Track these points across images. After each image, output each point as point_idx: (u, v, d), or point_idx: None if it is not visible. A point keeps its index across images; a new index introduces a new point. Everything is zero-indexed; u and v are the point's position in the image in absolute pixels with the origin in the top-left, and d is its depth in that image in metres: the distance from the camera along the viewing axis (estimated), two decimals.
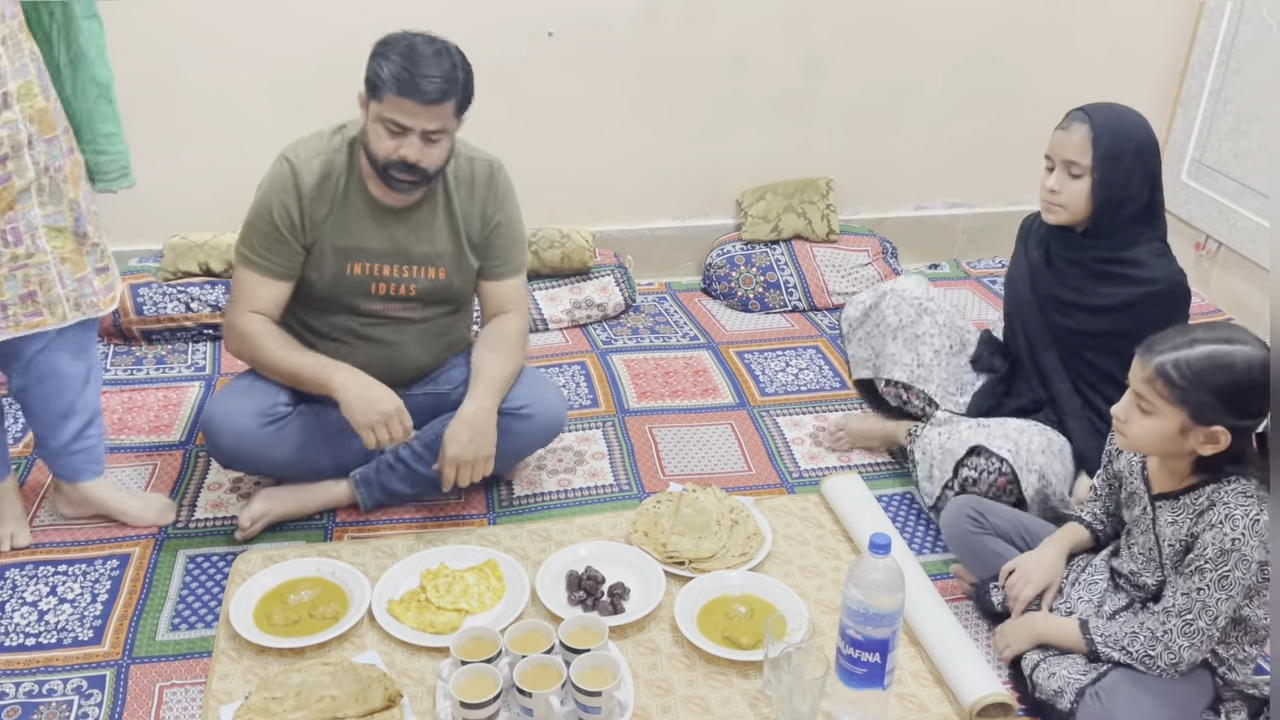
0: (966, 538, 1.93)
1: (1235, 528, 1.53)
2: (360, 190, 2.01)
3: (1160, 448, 1.59)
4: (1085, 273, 2.11)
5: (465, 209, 2.07)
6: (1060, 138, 2.07)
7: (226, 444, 2.00)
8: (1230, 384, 1.50)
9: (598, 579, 1.91)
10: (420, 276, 2.08)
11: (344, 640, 1.80)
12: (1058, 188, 2.06)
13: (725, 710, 1.70)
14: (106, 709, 1.69)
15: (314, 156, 2.00)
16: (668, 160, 3.16)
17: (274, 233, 1.99)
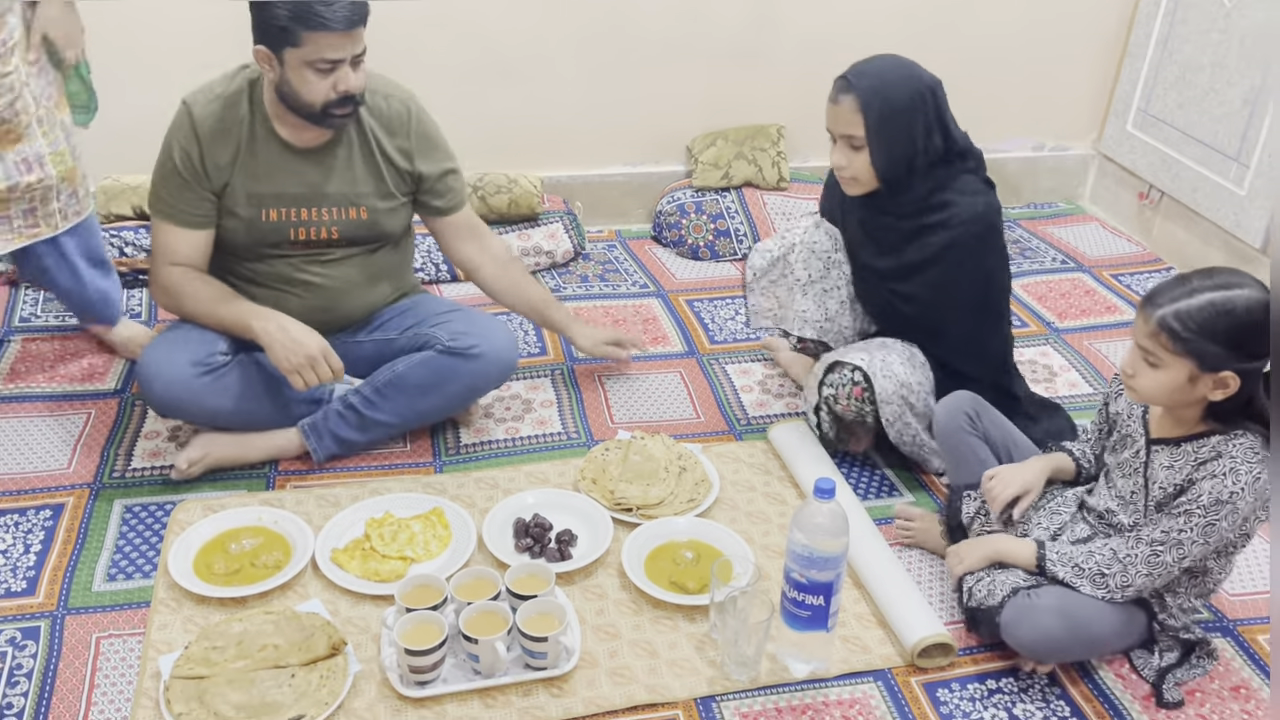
0: (958, 435, 1.89)
1: (1237, 481, 1.53)
2: (267, 133, 1.95)
3: (1171, 398, 1.58)
4: (900, 235, 2.03)
5: (385, 146, 2.02)
6: (832, 111, 1.96)
7: (162, 394, 1.95)
8: (1234, 328, 1.49)
9: (545, 526, 1.91)
10: (341, 218, 2.03)
11: (287, 589, 1.78)
12: (844, 162, 1.97)
13: (672, 654, 1.71)
14: (41, 660, 1.66)
15: (212, 100, 1.93)
16: (618, 105, 3.11)
17: (178, 180, 1.94)
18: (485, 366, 2.09)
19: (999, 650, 1.73)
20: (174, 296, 2.00)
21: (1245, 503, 1.55)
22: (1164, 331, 1.52)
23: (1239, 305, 1.49)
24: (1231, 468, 1.55)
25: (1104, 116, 3.41)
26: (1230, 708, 1.68)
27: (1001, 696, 1.68)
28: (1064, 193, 3.54)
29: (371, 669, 1.65)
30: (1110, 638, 1.68)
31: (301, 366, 1.91)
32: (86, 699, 1.60)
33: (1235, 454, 1.55)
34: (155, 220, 2.00)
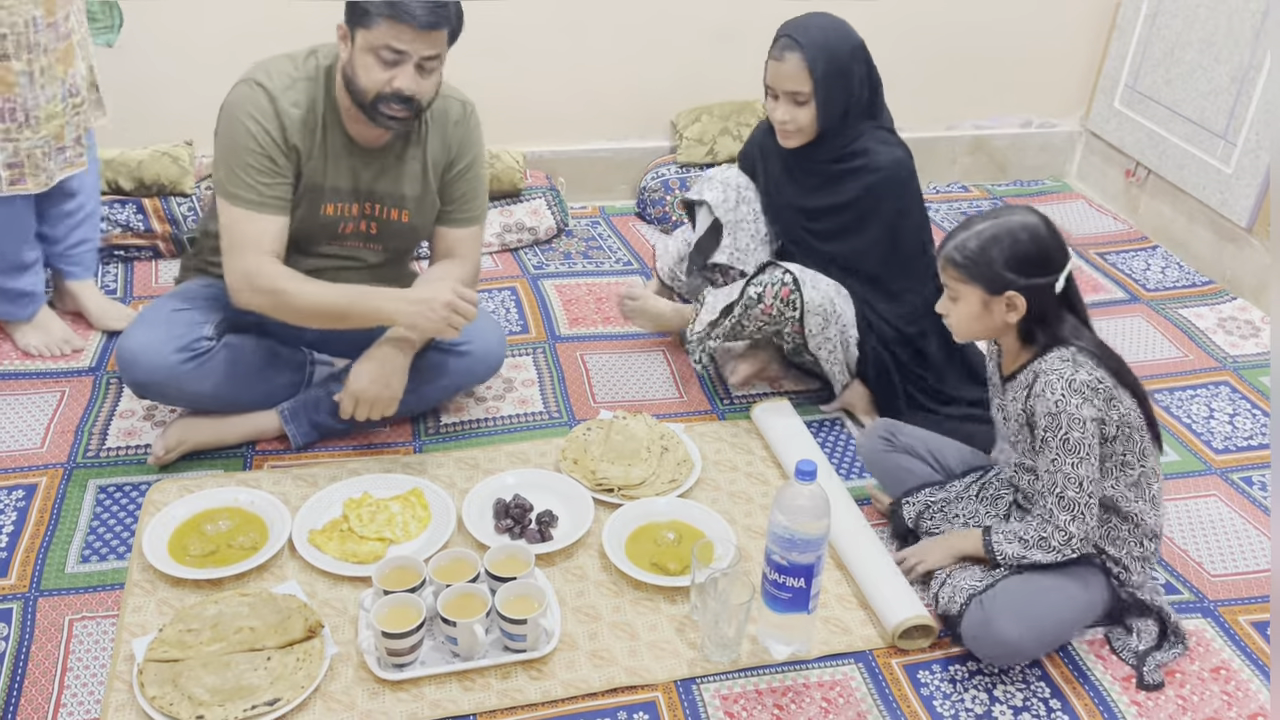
0: (880, 457, 1.97)
1: (1054, 390, 1.61)
2: (338, 127, 1.89)
3: (976, 326, 1.70)
4: (824, 178, 2.16)
5: (435, 151, 1.97)
6: (777, 69, 2.06)
7: (144, 379, 1.91)
8: (1007, 250, 1.62)
9: (525, 507, 1.89)
10: (383, 217, 1.99)
11: (263, 571, 1.76)
12: (788, 117, 2.09)
13: (652, 636, 1.70)
14: (14, 642, 1.63)
15: (290, 86, 1.85)
16: (602, 80, 3.07)
17: (264, 162, 1.83)
18: (473, 364, 2.06)
19: None
20: (276, 294, 1.85)
21: (1074, 404, 1.60)
22: (950, 265, 1.66)
23: (1009, 229, 1.63)
24: (1047, 382, 1.63)
25: (1091, 93, 3.39)
26: (1210, 689, 1.68)
27: (982, 678, 1.68)
28: (1051, 170, 3.52)
29: (349, 651, 1.63)
30: (1072, 622, 1.69)
31: (448, 318, 1.86)
32: (59, 682, 1.58)
33: (1046, 369, 1.64)
34: (234, 209, 1.84)
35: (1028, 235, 1.62)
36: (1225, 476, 2.16)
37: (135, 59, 2.72)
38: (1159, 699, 1.66)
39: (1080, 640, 1.75)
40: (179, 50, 2.75)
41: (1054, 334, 1.65)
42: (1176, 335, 2.65)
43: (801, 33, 2.04)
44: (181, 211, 2.68)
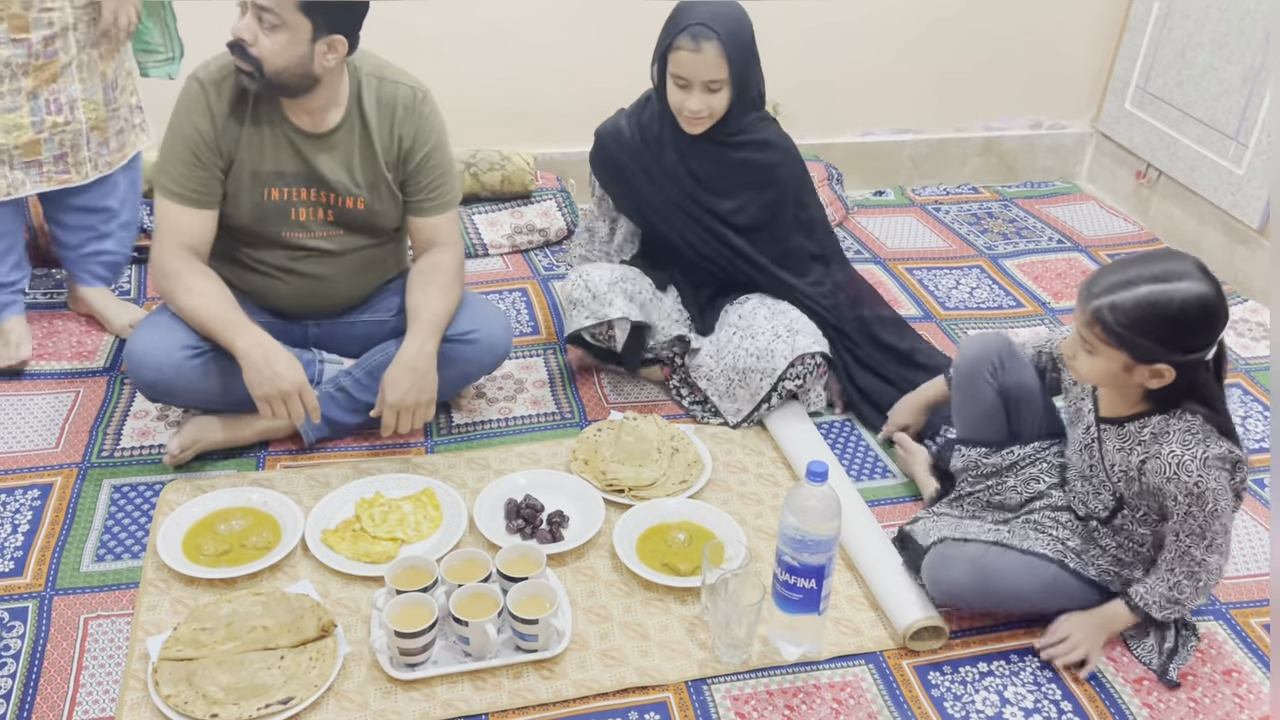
0: (977, 381, 1.83)
1: (1190, 472, 1.54)
2: (274, 111, 1.91)
3: (1109, 382, 1.60)
4: (728, 164, 2.17)
5: (383, 138, 1.97)
6: (693, 60, 2.03)
7: (152, 379, 1.93)
8: (1168, 324, 1.48)
9: (536, 507, 1.90)
10: (338, 205, 2.00)
11: (276, 570, 1.77)
12: (702, 107, 2.07)
13: (663, 636, 1.71)
14: (29, 641, 1.65)
15: (224, 76, 1.89)
16: (612, 81, 3.06)
17: (190, 157, 1.90)
18: (480, 353, 2.07)
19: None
20: (171, 283, 1.92)
21: (1215, 479, 1.54)
22: (1099, 323, 1.52)
23: (1175, 301, 1.48)
24: (1178, 461, 1.55)
25: (1102, 94, 3.39)
26: (1223, 691, 1.68)
27: (993, 680, 1.68)
28: (1061, 171, 3.51)
29: (361, 651, 1.64)
30: (1028, 595, 1.70)
31: (273, 399, 1.86)
32: (74, 680, 1.59)
33: (1172, 443, 1.56)
34: (161, 199, 1.93)
35: (1197, 308, 1.47)
36: None
37: None
38: (1170, 701, 1.66)
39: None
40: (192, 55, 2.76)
41: (1190, 395, 1.56)
42: None
43: (713, 20, 2.02)
44: None
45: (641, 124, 2.19)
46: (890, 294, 2.78)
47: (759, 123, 2.18)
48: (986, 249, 3.04)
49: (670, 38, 2.05)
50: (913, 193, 3.38)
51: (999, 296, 2.80)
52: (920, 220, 3.20)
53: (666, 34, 2.08)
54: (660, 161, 2.18)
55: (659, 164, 2.19)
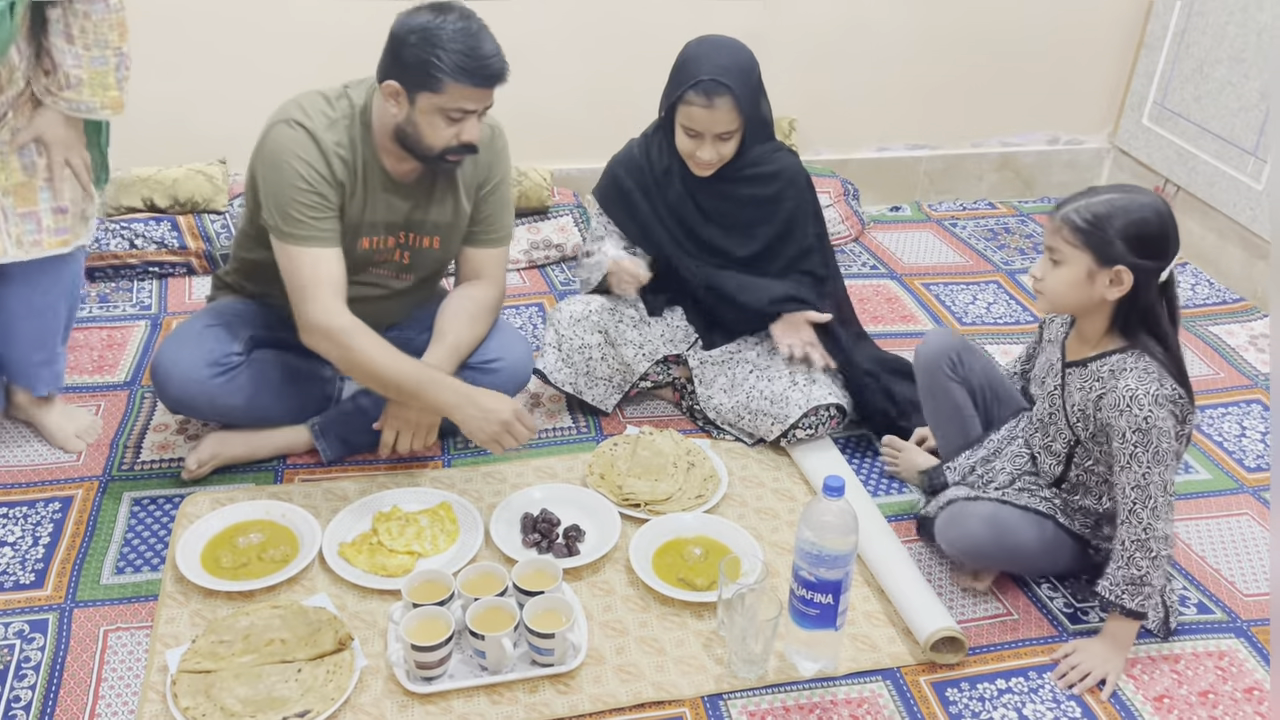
0: (938, 377, 1.95)
1: (1141, 405, 1.61)
2: (374, 163, 1.91)
3: (1070, 296, 1.67)
4: (732, 203, 2.17)
5: (467, 175, 2.00)
6: (709, 116, 2.02)
7: (176, 393, 1.94)
8: (1129, 224, 1.60)
9: (553, 521, 1.90)
10: (416, 245, 2.01)
11: (294, 583, 1.78)
12: (713, 156, 2.07)
13: (679, 651, 1.70)
14: (49, 653, 1.66)
15: (330, 126, 1.86)
16: (627, 98, 3.08)
17: (317, 200, 1.84)
18: (501, 381, 2.08)
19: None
20: (343, 347, 1.85)
21: (1163, 418, 1.61)
22: (1066, 225, 1.63)
23: (1134, 207, 1.61)
24: (1131, 394, 1.62)
25: (1120, 110, 3.38)
26: (1244, 709, 1.66)
27: (1011, 696, 1.67)
28: (1079, 186, 3.45)
29: (378, 664, 1.64)
30: (1036, 554, 1.79)
31: (499, 435, 1.87)
32: (94, 692, 1.60)
33: (1127, 378, 1.64)
34: (298, 249, 1.84)
35: (1154, 215, 1.60)
36: (1257, 495, 2.14)
37: (170, 79, 2.77)
38: (1190, 718, 1.64)
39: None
40: (213, 71, 2.80)
41: (1146, 327, 1.65)
42: (1207, 353, 2.63)
43: (724, 73, 1.99)
44: (215, 228, 2.72)
45: (651, 157, 2.19)
46: (907, 310, 2.78)
47: (769, 154, 2.16)
48: (1003, 264, 3.04)
49: (681, 89, 2.03)
50: (929, 208, 3.38)
51: (1016, 312, 2.79)
52: (937, 235, 3.20)
53: (676, 84, 2.05)
54: (666, 196, 2.19)
55: (664, 198, 2.19)
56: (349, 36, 2.80)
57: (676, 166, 2.15)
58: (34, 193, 1.83)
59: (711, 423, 2.23)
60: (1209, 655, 1.75)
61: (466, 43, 1.76)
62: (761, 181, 2.16)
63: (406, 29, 1.78)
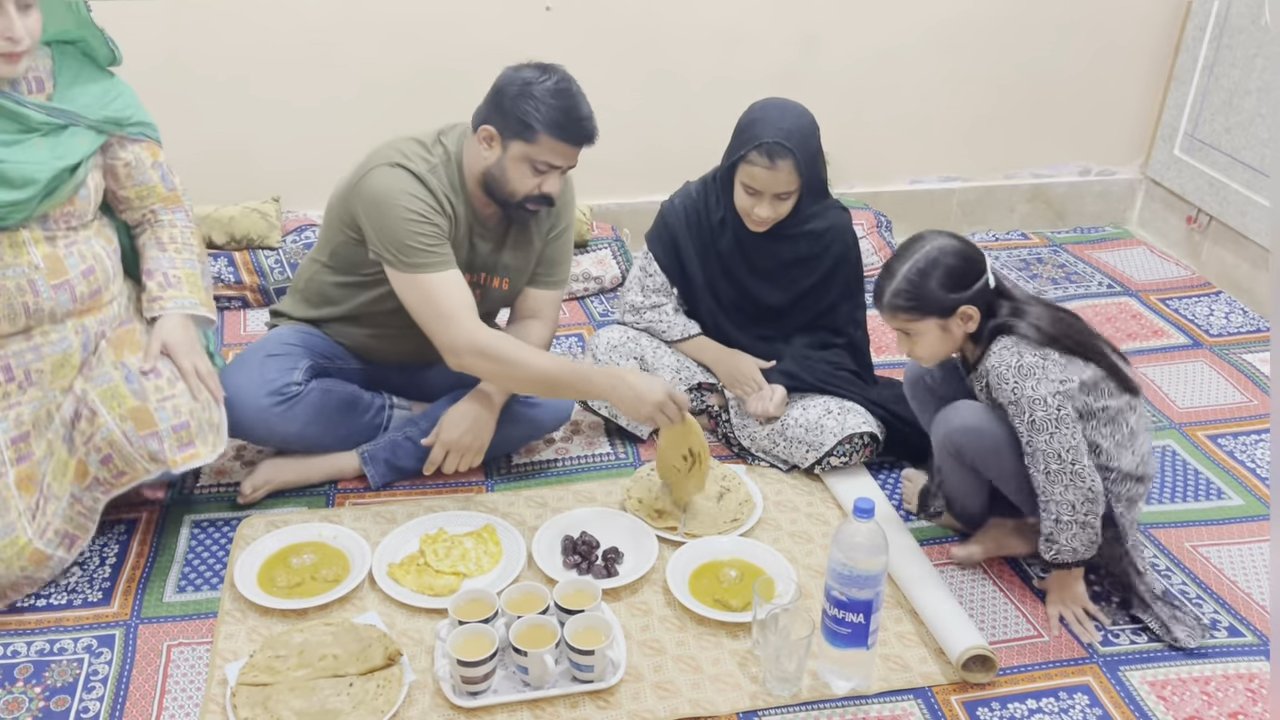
0: (919, 389, 2.06)
1: (1007, 381, 1.77)
2: (466, 208, 2.02)
3: (942, 349, 1.85)
4: (780, 261, 2.23)
5: (541, 223, 2.10)
6: (770, 177, 2.07)
7: (236, 418, 2.03)
8: (940, 276, 1.77)
9: (592, 543, 1.97)
10: (487, 284, 2.11)
11: (345, 602, 1.86)
12: (771, 214, 2.13)
13: (715, 669, 1.75)
14: (116, 667, 1.75)
15: (431, 171, 1.96)
16: (663, 134, 3.18)
17: (433, 230, 1.93)
18: (543, 414, 2.16)
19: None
20: (496, 361, 1.92)
21: (1030, 388, 1.75)
22: (896, 312, 1.80)
23: (930, 259, 1.77)
24: (998, 374, 1.78)
25: (1151, 141, 3.42)
26: None
27: (1042, 717, 1.70)
28: (1111, 217, 3.54)
29: (425, 679, 1.71)
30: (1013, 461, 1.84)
31: (653, 415, 1.94)
32: (158, 704, 1.68)
33: (995, 363, 1.79)
34: (425, 277, 1.91)
35: (950, 255, 1.77)
36: None
37: (227, 122, 2.90)
38: None
39: (1143, 680, 1.76)
40: (267, 114, 2.93)
41: (999, 325, 1.80)
42: (1240, 380, 2.65)
43: (787, 137, 2.05)
44: (269, 264, 2.84)
45: (709, 204, 2.25)
46: None
47: (821, 211, 2.21)
48: (1036, 294, 3.07)
49: (744, 149, 2.08)
50: None
51: None
52: None
53: (740, 144, 2.11)
54: (717, 245, 2.25)
55: (714, 248, 2.25)
56: (398, 83, 2.92)
57: (731, 219, 2.21)
58: (150, 414, 1.80)
59: (746, 450, 2.29)
60: (1239, 677, 1.77)
61: (565, 102, 1.89)
62: (811, 239, 2.22)
63: (511, 80, 1.91)
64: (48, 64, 1.84)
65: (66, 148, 1.81)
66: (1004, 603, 1.93)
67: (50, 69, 1.84)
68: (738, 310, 2.30)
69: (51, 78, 1.84)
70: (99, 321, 1.89)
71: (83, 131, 1.84)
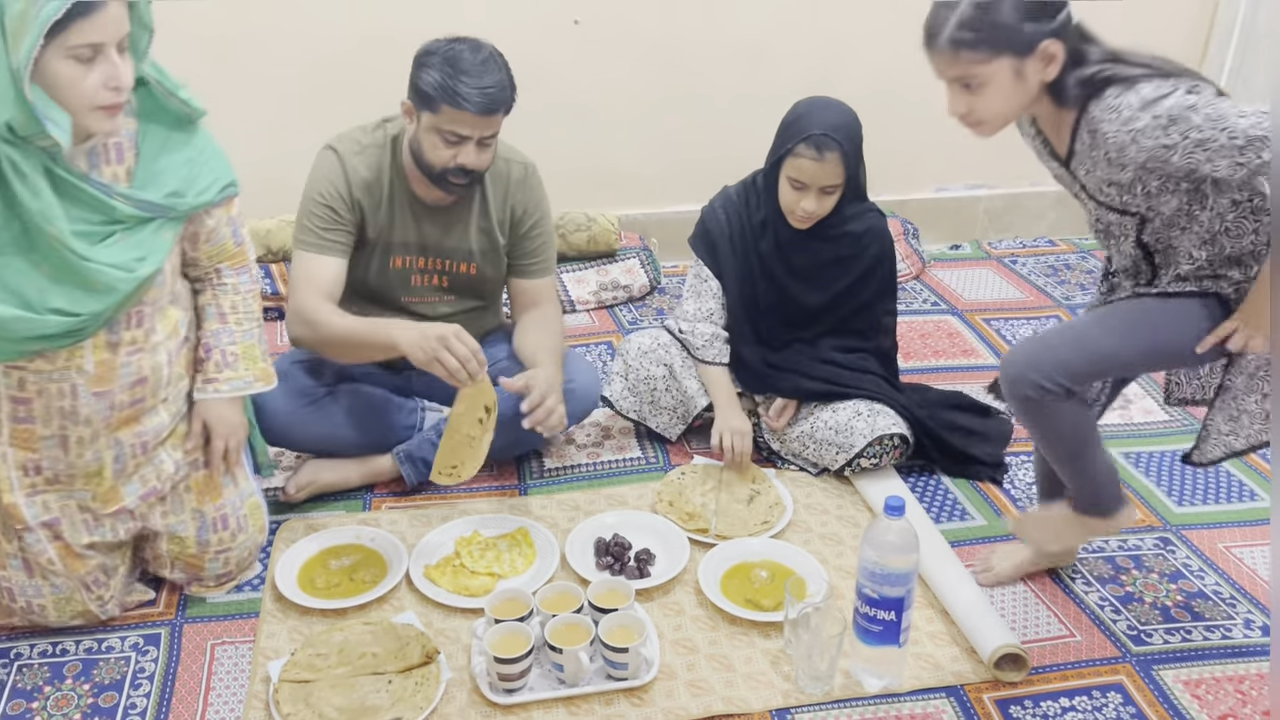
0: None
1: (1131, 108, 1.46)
2: (404, 188, 2.08)
3: (1013, 104, 1.53)
4: (819, 260, 2.24)
5: (498, 209, 2.14)
6: (815, 168, 2.09)
7: (269, 422, 2.09)
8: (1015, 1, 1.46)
9: (624, 545, 1.99)
10: (452, 270, 2.16)
11: (383, 602, 1.89)
12: (816, 208, 2.14)
13: (747, 668, 1.77)
14: (162, 665, 1.79)
15: (359, 152, 2.06)
16: (691, 143, 3.21)
17: (327, 213, 2.04)
18: (573, 402, 2.19)
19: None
20: (313, 326, 2.01)
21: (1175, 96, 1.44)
22: (960, 48, 1.48)
23: None
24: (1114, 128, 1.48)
25: None
26: None
27: (1075, 715, 1.70)
28: None
29: (462, 677, 1.74)
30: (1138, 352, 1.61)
31: (438, 352, 1.87)
32: (203, 700, 1.72)
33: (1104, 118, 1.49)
34: (300, 254, 2.05)
35: None
36: None
37: (263, 137, 2.96)
38: None
39: (1176, 680, 1.77)
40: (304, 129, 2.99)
41: (1097, 75, 1.49)
42: None
43: (835, 130, 2.08)
44: None
45: (749, 206, 2.28)
46: (967, 344, 2.83)
47: (859, 213, 2.23)
48: (1064, 299, 3.08)
49: (791, 143, 2.10)
50: (989, 246, 3.43)
51: None
52: (997, 272, 3.25)
53: (786, 138, 2.14)
54: (758, 249, 2.27)
55: (756, 251, 2.27)
56: None
57: (773, 219, 2.23)
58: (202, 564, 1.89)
59: (776, 453, 2.31)
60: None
61: (464, 70, 1.89)
62: (850, 240, 2.23)
63: (421, 51, 1.95)
64: (131, 125, 1.62)
65: (151, 246, 1.63)
66: (1035, 603, 1.93)
67: (134, 133, 1.62)
68: (773, 311, 2.31)
69: (134, 145, 1.62)
70: (136, 434, 1.73)
71: (169, 224, 1.65)
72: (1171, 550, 2.08)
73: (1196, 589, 1.97)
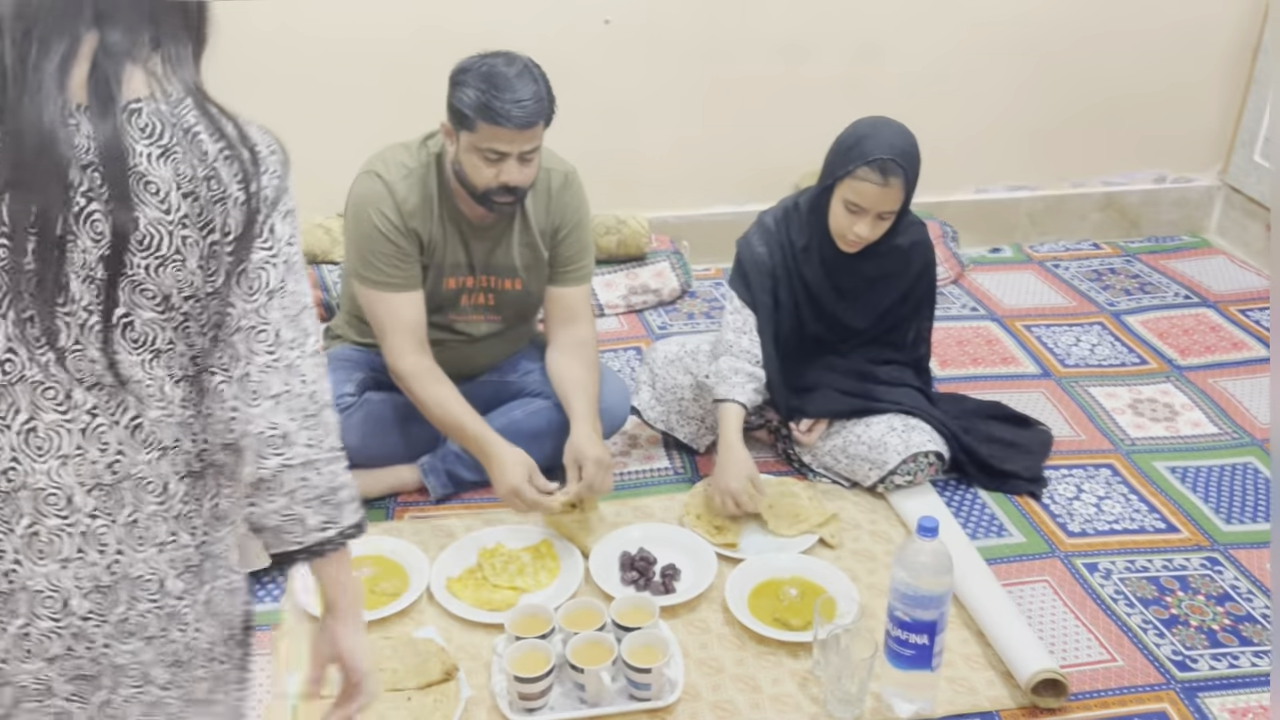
0: None
1: None
2: (451, 208, 2.03)
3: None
4: (864, 280, 2.15)
5: (540, 220, 2.09)
6: (878, 194, 1.99)
7: None
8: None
9: (650, 560, 1.95)
10: (499, 287, 2.12)
11: (404, 616, 1.86)
12: (871, 234, 2.04)
13: (775, 690, 1.72)
14: None
15: (405, 176, 1.98)
16: (723, 145, 3.16)
17: (391, 248, 1.96)
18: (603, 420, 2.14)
19: None
20: (406, 389, 2.00)
21: None
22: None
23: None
24: None
25: (1230, 146, 3.31)
26: None
27: None
28: (1188, 225, 3.43)
29: (482, 695, 1.71)
30: None
31: (510, 500, 1.95)
32: None
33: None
34: (373, 293, 1.98)
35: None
36: None
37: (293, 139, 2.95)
38: None
39: (1223, 708, 1.69)
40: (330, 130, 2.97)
41: None
42: None
43: (901, 155, 1.99)
44: (332, 279, 2.88)
45: (790, 234, 2.17)
46: (1007, 351, 2.76)
47: (906, 227, 2.14)
48: (1108, 305, 2.99)
49: (853, 164, 1.99)
50: (1030, 249, 3.34)
51: (1122, 354, 2.74)
52: (1038, 277, 3.17)
53: (846, 160, 2.02)
54: (802, 275, 2.18)
55: (800, 278, 2.18)
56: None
57: (816, 244, 2.14)
58: None
59: (807, 466, 2.25)
60: None
61: (499, 85, 1.83)
62: (896, 255, 2.14)
63: (456, 70, 1.90)
64: None
65: None
66: (1075, 625, 1.86)
67: None
68: (818, 341, 2.23)
69: None
70: None
71: None
72: (1219, 570, 2.00)
73: (1245, 612, 1.89)
